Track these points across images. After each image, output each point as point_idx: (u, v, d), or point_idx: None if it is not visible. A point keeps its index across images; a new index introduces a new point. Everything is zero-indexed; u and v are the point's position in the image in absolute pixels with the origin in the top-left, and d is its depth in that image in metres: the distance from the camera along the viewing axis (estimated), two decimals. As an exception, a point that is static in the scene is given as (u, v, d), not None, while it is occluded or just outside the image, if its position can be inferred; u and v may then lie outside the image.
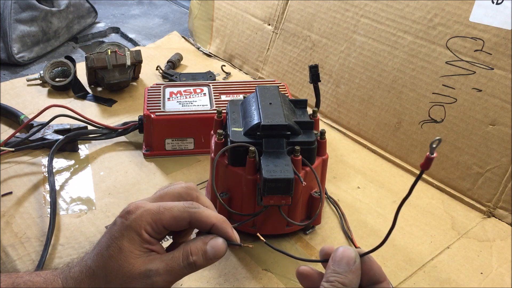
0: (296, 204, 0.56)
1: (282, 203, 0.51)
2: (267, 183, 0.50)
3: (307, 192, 0.57)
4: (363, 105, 0.80)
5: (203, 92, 0.79)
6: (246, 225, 0.57)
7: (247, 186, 0.55)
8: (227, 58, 1.07)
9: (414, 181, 0.36)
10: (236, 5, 1.04)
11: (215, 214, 0.44)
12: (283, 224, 0.57)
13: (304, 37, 0.90)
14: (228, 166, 0.56)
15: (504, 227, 0.63)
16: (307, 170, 0.55)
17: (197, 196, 0.45)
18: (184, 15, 1.45)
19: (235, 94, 0.79)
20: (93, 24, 1.37)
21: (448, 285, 0.55)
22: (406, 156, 0.74)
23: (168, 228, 0.43)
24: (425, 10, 0.72)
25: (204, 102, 0.76)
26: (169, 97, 0.77)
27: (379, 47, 0.78)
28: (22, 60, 1.13)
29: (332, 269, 0.40)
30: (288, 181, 0.50)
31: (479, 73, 0.67)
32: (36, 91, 0.91)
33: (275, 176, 0.50)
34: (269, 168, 0.51)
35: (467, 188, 0.68)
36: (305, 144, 0.55)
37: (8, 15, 1.11)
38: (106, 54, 0.86)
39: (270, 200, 0.51)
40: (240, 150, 0.54)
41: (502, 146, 0.64)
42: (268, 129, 0.54)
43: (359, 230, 0.62)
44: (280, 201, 0.51)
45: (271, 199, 0.51)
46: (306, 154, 0.55)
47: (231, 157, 0.55)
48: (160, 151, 0.74)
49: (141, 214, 0.42)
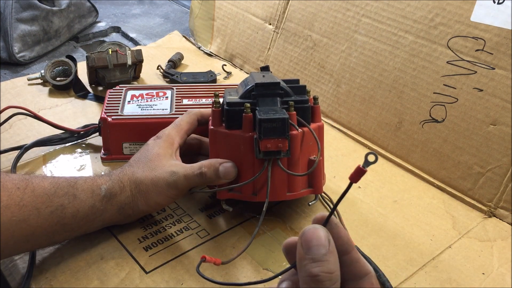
0: (296, 165, 0.56)
1: (279, 147, 0.52)
2: (262, 123, 0.51)
3: (306, 156, 0.57)
4: (364, 104, 0.80)
5: (166, 96, 0.76)
6: (246, 192, 0.57)
7: (245, 145, 0.55)
8: (228, 57, 1.07)
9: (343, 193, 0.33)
10: (237, 5, 1.04)
11: None
12: (284, 189, 0.57)
13: (305, 37, 0.90)
14: (225, 132, 0.56)
15: (505, 227, 0.63)
16: (304, 131, 0.56)
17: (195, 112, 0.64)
18: (185, 15, 1.45)
19: (198, 99, 0.76)
20: (94, 24, 1.37)
21: (449, 285, 0.54)
22: (407, 155, 0.74)
23: (187, 133, 0.61)
24: (426, 10, 0.72)
25: (164, 106, 0.74)
26: (129, 100, 0.74)
27: (380, 47, 0.78)
28: (23, 59, 1.13)
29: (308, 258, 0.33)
30: (283, 120, 0.51)
31: (480, 73, 0.66)
32: (37, 90, 0.91)
33: (269, 116, 0.51)
34: (264, 112, 0.53)
35: (468, 188, 0.68)
36: (298, 103, 0.56)
37: (9, 15, 1.11)
38: (107, 53, 0.86)
39: (267, 144, 0.52)
40: (236, 110, 0.55)
41: (503, 146, 0.64)
42: (262, 88, 0.55)
43: (360, 230, 0.61)
44: (277, 144, 0.52)
45: (267, 142, 0.52)
46: (300, 113, 0.56)
47: (228, 120, 0.56)
48: (118, 155, 0.72)
49: (168, 132, 0.60)
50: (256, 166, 0.55)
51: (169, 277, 0.53)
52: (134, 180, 0.55)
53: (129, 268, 0.54)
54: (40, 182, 0.51)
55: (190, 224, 0.61)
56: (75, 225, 0.52)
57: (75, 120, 0.81)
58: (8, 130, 0.78)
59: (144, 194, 0.55)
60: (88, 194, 0.53)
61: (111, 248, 0.56)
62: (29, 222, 0.48)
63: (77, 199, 0.52)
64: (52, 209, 0.50)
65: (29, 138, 0.74)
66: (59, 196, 0.51)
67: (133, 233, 0.58)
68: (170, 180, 0.54)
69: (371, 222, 0.63)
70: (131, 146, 0.72)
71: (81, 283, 0.52)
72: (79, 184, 0.53)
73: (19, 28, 1.13)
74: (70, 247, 0.56)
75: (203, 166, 0.55)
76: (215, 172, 0.55)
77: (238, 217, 0.62)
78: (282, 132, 0.51)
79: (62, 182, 0.52)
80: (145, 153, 0.58)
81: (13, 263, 0.55)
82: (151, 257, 0.55)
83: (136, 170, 0.56)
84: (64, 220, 0.51)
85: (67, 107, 0.86)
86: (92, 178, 0.55)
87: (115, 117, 0.70)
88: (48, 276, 0.52)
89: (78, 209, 0.52)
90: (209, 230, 0.60)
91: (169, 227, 0.60)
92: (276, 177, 0.55)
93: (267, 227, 0.61)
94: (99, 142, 0.74)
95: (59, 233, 0.52)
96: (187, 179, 0.54)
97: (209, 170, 0.54)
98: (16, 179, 0.50)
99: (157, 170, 0.55)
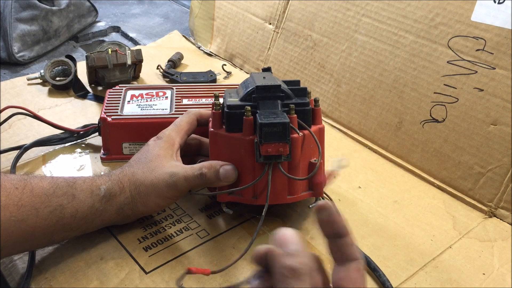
0: (296, 169, 0.56)
1: (280, 151, 0.52)
2: (263, 127, 0.51)
3: (306, 160, 0.57)
4: (364, 104, 0.80)
5: (165, 96, 0.76)
6: (247, 195, 0.56)
7: (245, 149, 0.55)
8: (228, 57, 1.07)
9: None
10: (237, 4, 1.04)
11: None
12: (284, 192, 0.57)
13: (305, 37, 0.90)
14: (226, 134, 0.56)
15: (506, 227, 0.63)
16: (305, 134, 0.56)
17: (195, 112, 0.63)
18: (185, 14, 1.44)
19: (197, 98, 0.76)
20: (94, 23, 1.37)
21: (450, 285, 0.54)
22: (407, 155, 0.74)
23: (187, 133, 0.61)
24: (427, 10, 0.72)
25: (164, 106, 0.73)
26: (129, 100, 0.74)
27: (381, 47, 0.78)
28: (22, 59, 1.13)
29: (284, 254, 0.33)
30: (284, 125, 0.51)
31: (480, 73, 0.66)
32: (36, 90, 0.91)
33: (270, 121, 0.51)
34: (264, 116, 0.52)
35: (468, 188, 0.67)
36: (299, 106, 0.56)
37: (8, 14, 1.11)
38: (107, 53, 0.86)
39: (268, 148, 0.51)
40: (237, 113, 0.55)
41: (504, 146, 0.64)
42: (263, 90, 0.55)
43: (360, 230, 0.61)
44: (277, 149, 0.51)
45: (268, 147, 0.51)
46: (301, 115, 0.56)
47: (228, 123, 0.56)
48: (117, 155, 0.71)
49: (169, 133, 0.59)
50: (256, 169, 0.55)
51: (169, 277, 0.53)
52: (134, 181, 0.55)
53: (129, 268, 0.54)
54: (38, 182, 0.51)
55: (190, 224, 0.60)
56: (74, 225, 0.52)
57: (75, 120, 0.81)
58: (8, 130, 0.78)
59: (144, 195, 0.55)
60: (87, 194, 0.52)
61: (111, 248, 0.56)
62: (28, 222, 0.48)
63: (76, 199, 0.52)
64: (51, 209, 0.50)
65: (29, 138, 0.74)
66: (58, 196, 0.50)
67: (132, 233, 0.58)
68: (169, 181, 0.54)
69: (371, 222, 0.63)
70: (131, 146, 0.71)
71: (81, 283, 0.52)
72: (78, 184, 0.53)
73: (18, 28, 1.12)
74: (70, 247, 0.56)
75: (203, 167, 0.54)
76: (216, 174, 0.54)
77: (238, 217, 0.62)
78: (283, 137, 0.51)
79: (61, 182, 0.52)
80: (146, 153, 0.58)
81: (12, 263, 0.55)
82: (151, 257, 0.55)
83: (136, 171, 0.56)
84: (63, 220, 0.51)
85: (66, 107, 0.86)
86: (91, 178, 0.55)
87: (115, 117, 0.70)
88: (48, 276, 0.52)
89: (77, 209, 0.51)
90: (209, 230, 0.60)
91: (169, 227, 0.60)
92: (276, 181, 0.55)
93: (267, 227, 0.60)
94: (99, 142, 0.74)
95: (58, 233, 0.52)
96: (187, 180, 0.54)
97: (209, 171, 0.54)
98: (14, 179, 0.50)
99: (157, 172, 0.55)
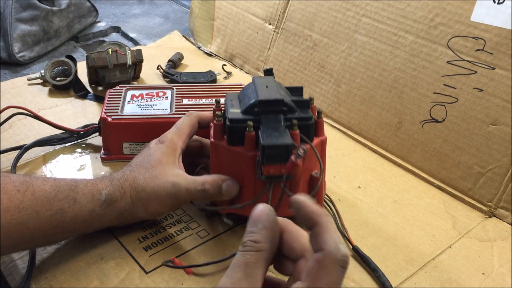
0: (297, 185, 0.56)
1: (281, 172, 0.51)
2: (265, 149, 0.50)
3: (308, 173, 0.57)
4: (364, 104, 0.80)
5: (166, 96, 0.76)
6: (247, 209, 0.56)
7: (247, 164, 0.54)
8: (228, 57, 1.07)
9: None
10: (237, 5, 1.04)
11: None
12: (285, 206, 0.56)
13: (305, 37, 0.90)
14: (227, 147, 0.56)
15: (505, 227, 0.63)
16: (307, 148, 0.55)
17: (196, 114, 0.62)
18: (185, 15, 1.45)
19: (197, 99, 0.76)
20: (94, 24, 1.37)
21: (449, 285, 0.54)
22: (407, 155, 0.74)
23: (189, 136, 0.60)
24: (426, 10, 0.72)
25: (164, 106, 0.73)
26: (129, 100, 0.74)
27: (380, 47, 0.78)
28: (23, 59, 1.13)
29: (247, 231, 0.37)
30: (286, 147, 0.50)
31: (480, 73, 0.66)
32: (37, 90, 0.91)
33: (273, 142, 0.51)
34: (267, 136, 0.52)
35: (468, 188, 0.68)
36: (302, 120, 0.55)
37: (9, 14, 1.11)
38: (107, 53, 0.86)
39: (270, 169, 0.51)
40: (239, 127, 0.54)
41: (503, 146, 0.64)
42: (265, 105, 0.54)
43: (360, 230, 0.61)
44: (279, 170, 0.51)
45: (270, 167, 0.51)
46: (304, 130, 0.55)
47: (230, 136, 0.55)
48: (118, 155, 0.72)
49: (171, 137, 0.58)
50: (257, 185, 0.55)
51: (169, 277, 0.53)
52: (135, 187, 0.54)
53: (129, 268, 0.54)
54: (41, 184, 0.50)
55: (190, 224, 0.61)
56: (73, 228, 0.52)
57: (75, 120, 0.81)
58: (8, 130, 0.78)
59: (145, 202, 0.54)
60: (88, 199, 0.52)
61: (111, 248, 0.56)
62: (28, 225, 0.48)
63: (77, 203, 0.51)
64: (51, 213, 0.50)
65: (29, 138, 0.74)
66: (59, 200, 0.50)
67: (133, 233, 0.58)
68: (171, 191, 0.54)
69: (371, 222, 0.63)
70: (131, 146, 0.71)
71: (81, 283, 0.52)
72: (79, 188, 0.53)
73: (19, 28, 1.13)
74: (70, 247, 0.56)
75: (206, 182, 0.54)
76: (218, 190, 0.54)
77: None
78: (285, 158, 0.50)
79: (63, 185, 0.52)
80: (147, 158, 0.57)
81: (13, 263, 0.55)
82: (151, 257, 0.55)
83: (137, 176, 0.55)
84: (63, 223, 0.51)
85: (67, 107, 0.86)
86: (93, 181, 0.54)
87: (115, 117, 0.70)
88: (48, 276, 0.52)
89: (77, 213, 0.51)
90: (209, 230, 0.60)
91: (169, 227, 0.60)
92: (277, 197, 0.55)
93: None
94: (99, 142, 0.74)
95: (57, 235, 0.52)
96: (189, 192, 0.54)
97: (212, 188, 0.54)
98: (16, 181, 0.49)
99: (159, 179, 0.54)
